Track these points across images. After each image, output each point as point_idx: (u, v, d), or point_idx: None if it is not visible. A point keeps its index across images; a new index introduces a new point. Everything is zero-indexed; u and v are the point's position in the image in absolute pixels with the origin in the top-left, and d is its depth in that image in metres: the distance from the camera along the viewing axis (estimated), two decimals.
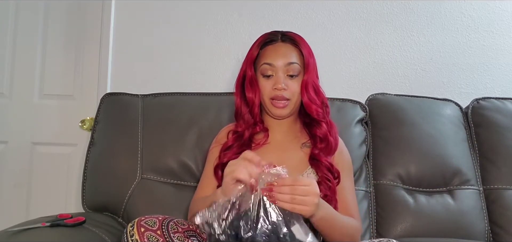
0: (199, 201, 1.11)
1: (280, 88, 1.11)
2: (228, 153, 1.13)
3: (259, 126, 1.17)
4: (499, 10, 1.74)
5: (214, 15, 1.78)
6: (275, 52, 1.13)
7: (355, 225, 1.10)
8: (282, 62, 1.12)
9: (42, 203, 1.82)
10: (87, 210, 1.41)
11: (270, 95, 1.13)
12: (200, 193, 1.15)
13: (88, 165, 1.44)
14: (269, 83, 1.13)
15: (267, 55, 1.14)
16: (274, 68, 1.12)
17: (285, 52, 1.13)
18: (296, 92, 1.13)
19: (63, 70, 1.86)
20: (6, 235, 1.02)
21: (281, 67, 1.12)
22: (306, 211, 0.90)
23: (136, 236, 0.87)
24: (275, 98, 1.12)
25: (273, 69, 1.12)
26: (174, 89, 1.57)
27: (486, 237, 1.37)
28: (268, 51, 1.14)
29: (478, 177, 1.44)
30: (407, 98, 1.56)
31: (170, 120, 1.46)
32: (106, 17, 1.80)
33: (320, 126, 1.15)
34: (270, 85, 1.12)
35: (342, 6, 1.75)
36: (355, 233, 1.09)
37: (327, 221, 0.98)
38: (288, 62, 1.12)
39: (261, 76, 1.14)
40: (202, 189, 1.16)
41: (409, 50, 1.74)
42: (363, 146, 1.46)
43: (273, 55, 1.13)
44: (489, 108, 1.52)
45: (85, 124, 1.78)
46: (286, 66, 1.12)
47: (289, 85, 1.12)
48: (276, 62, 1.12)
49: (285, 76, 1.12)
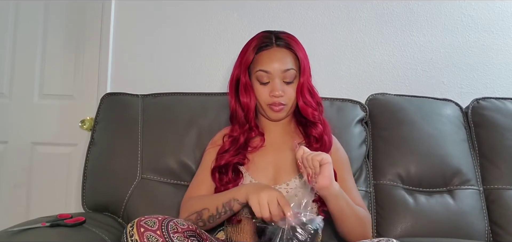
0: (195, 200, 1.11)
1: (278, 95, 1.11)
2: (225, 155, 1.15)
3: (254, 132, 1.18)
4: (499, 10, 1.74)
5: (214, 15, 1.78)
6: (270, 59, 1.13)
7: (366, 214, 1.13)
8: (278, 69, 1.12)
9: (42, 203, 1.82)
10: (87, 210, 1.41)
11: (267, 102, 1.14)
12: (193, 193, 1.15)
13: (88, 165, 1.44)
14: (265, 90, 1.14)
15: (263, 61, 1.13)
16: (270, 75, 1.12)
17: (280, 58, 1.13)
18: (292, 97, 1.14)
19: (63, 70, 1.86)
20: (6, 235, 1.02)
21: (277, 74, 1.12)
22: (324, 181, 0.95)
23: (135, 236, 0.87)
24: (273, 104, 1.13)
25: (269, 76, 1.13)
26: (174, 89, 1.57)
27: (486, 237, 1.37)
28: (263, 57, 1.14)
29: (478, 177, 1.44)
30: (407, 98, 1.55)
31: (170, 120, 1.46)
32: (106, 17, 1.80)
33: (315, 127, 1.16)
34: (267, 91, 1.13)
35: (342, 6, 1.75)
36: (366, 222, 1.11)
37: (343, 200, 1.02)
38: (284, 69, 1.12)
39: (257, 82, 1.15)
40: (195, 188, 1.17)
41: (409, 50, 1.74)
42: (363, 146, 1.46)
43: (269, 62, 1.13)
44: (489, 108, 1.52)
45: (85, 124, 1.78)
46: (283, 73, 1.12)
47: (286, 90, 1.13)
48: (273, 69, 1.12)
49: (281, 82, 1.13)
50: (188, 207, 1.10)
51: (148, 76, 1.77)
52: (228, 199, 1.04)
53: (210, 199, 1.08)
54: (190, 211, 1.09)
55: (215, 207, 1.05)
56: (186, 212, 1.10)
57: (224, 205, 1.04)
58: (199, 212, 1.06)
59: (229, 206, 1.04)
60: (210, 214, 1.06)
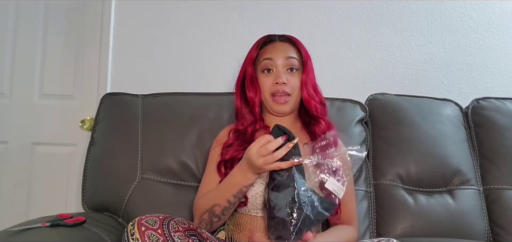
0: (203, 198, 1.10)
1: (281, 82, 1.13)
2: (230, 150, 1.14)
3: (259, 123, 1.18)
4: (499, 10, 1.74)
5: (214, 15, 1.78)
6: (274, 49, 1.17)
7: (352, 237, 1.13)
8: (281, 56, 1.15)
9: (42, 203, 1.82)
10: (87, 210, 1.41)
11: (270, 91, 1.15)
12: (205, 191, 1.15)
13: (88, 165, 1.44)
14: (269, 79, 1.15)
15: (267, 51, 1.17)
16: (273, 62, 1.15)
17: (284, 48, 1.17)
18: (297, 87, 1.15)
19: (63, 70, 1.86)
20: (6, 235, 1.01)
21: (281, 62, 1.15)
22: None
23: (136, 235, 0.87)
24: (276, 93, 1.14)
25: (272, 64, 1.15)
26: (174, 89, 1.57)
27: (486, 237, 1.37)
28: (267, 48, 1.18)
29: (478, 177, 1.44)
30: (407, 98, 1.56)
31: (170, 120, 1.46)
32: (106, 17, 1.80)
33: (319, 124, 1.17)
34: (271, 80, 1.15)
35: (342, 6, 1.76)
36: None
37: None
38: (287, 55, 1.15)
39: (261, 73, 1.17)
40: (206, 186, 1.16)
41: (409, 50, 1.74)
42: (363, 146, 1.46)
43: (273, 51, 1.17)
44: (489, 108, 1.52)
45: (85, 124, 1.78)
46: (286, 60, 1.15)
47: (290, 79, 1.14)
48: (276, 56, 1.15)
49: (285, 70, 1.15)
50: (199, 207, 1.10)
51: (148, 76, 1.77)
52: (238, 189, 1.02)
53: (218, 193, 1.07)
54: (201, 210, 1.08)
55: (226, 200, 1.04)
56: (198, 213, 1.09)
57: (235, 195, 1.03)
58: (210, 210, 1.06)
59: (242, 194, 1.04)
60: (222, 208, 1.05)
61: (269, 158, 0.93)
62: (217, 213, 1.06)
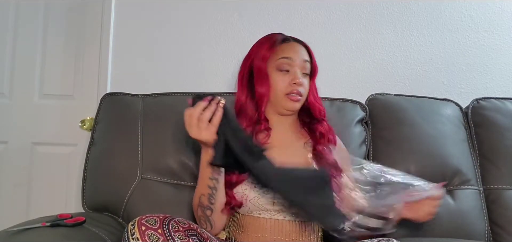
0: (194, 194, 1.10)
1: (299, 83, 1.13)
2: None
3: (263, 125, 1.15)
4: (499, 10, 1.74)
5: (214, 15, 1.78)
6: (292, 49, 1.17)
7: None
8: (300, 58, 1.16)
9: (42, 203, 1.82)
10: (87, 210, 1.41)
11: (286, 91, 1.14)
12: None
13: (88, 165, 1.44)
14: (285, 78, 1.14)
15: (285, 50, 1.16)
16: (292, 62, 1.15)
17: (301, 50, 1.18)
18: (307, 90, 1.18)
19: (63, 70, 1.86)
20: (6, 235, 1.01)
21: (299, 63, 1.15)
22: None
23: (137, 234, 0.87)
24: (291, 93, 1.14)
25: (291, 64, 1.15)
26: (174, 89, 1.57)
27: (486, 237, 1.37)
28: (284, 47, 1.17)
29: (478, 177, 1.44)
30: (407, 98, 1.56)
31: (170, 120, 1.46)
32: (106, 17, 1.80)
33: (321, 123, 1.19)
34: (287, 80, 1.14)
35: (342, 6, 1.76)
36: None
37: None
38: (305, 58, 1.17)
39: (276, 71, 1.15)
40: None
41: (409, 50, 1.74)
42: (363, 146, 1.46)
43: (291, 51, 1.16)
44: (489, 108, 1.52)
45: (85, 124, 1.78)
46: (303, 63, 1.16)
47: (303, 81, 1.16)
48: (295, 56, 1.15)
49: (301, 72, 1.15)
50: (193, 205, 1.10)
51: (148, 76, 1.77)
52: (210, 172, 1.03)
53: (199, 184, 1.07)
54: (194, 208, 1.08)
55: (206, 186, 1.04)
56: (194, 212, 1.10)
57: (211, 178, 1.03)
58: (199, 203, 1.06)
59: (216, 173, 1.03)
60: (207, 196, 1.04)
61: (201, 124, 0.95)
62: (205, 204, 1.05)
